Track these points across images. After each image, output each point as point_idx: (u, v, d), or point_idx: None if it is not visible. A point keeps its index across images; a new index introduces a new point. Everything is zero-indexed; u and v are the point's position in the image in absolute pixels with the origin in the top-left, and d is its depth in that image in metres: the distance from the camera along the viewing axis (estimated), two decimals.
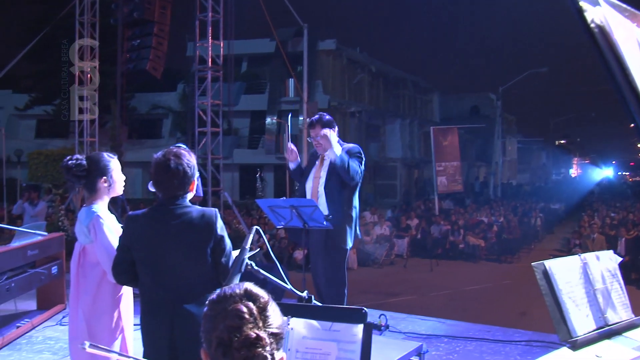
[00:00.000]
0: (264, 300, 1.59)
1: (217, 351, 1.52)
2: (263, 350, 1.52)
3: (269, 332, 1.55)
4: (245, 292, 1.59)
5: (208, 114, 12.56)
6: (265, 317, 1.56)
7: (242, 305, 1.54)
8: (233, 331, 1.51)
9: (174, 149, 2.98)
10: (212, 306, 1.59)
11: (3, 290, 5.73)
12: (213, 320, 1.56)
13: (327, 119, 5.02)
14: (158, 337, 2.85)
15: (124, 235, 2.99)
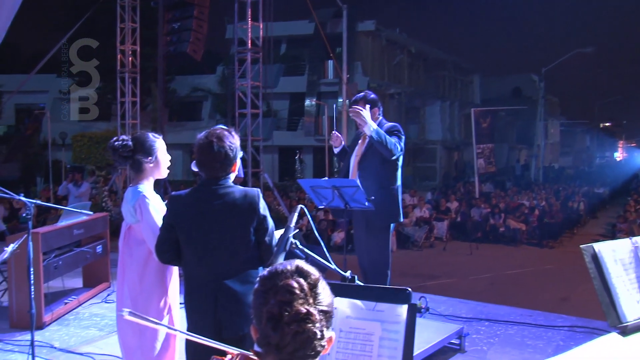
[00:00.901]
0: (315, 278, 1.60)
1: (267, 325, 1.53)
2: (313, 326, 1.52)
3: (319, 309, 1.55)
4: (297, 268, 1.60)
5: (248, 96, 12.59)
6: (316, 294, 1.57)
7: (293, 281, 1.55)
8: (283, 306, 1.52)
9: (217, 130, 2.99)
10: (263, 282, 1.60)
11: (51, 268, 5.89)
12: (264, 295, 1.57)
13: (371, 97, 4.98)
14: (202, 314, 2.89)
15: (167, 215, 3.03)
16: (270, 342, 1.53)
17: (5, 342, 5.23)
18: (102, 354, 4.95)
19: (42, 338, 5.26)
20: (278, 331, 1.51)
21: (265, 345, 1.56)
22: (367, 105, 4.90)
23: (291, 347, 1.52)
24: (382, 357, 2.21)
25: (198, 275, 2.98)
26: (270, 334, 1.52)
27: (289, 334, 1.51)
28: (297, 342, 1.52)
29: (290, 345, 1.52)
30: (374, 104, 4.95)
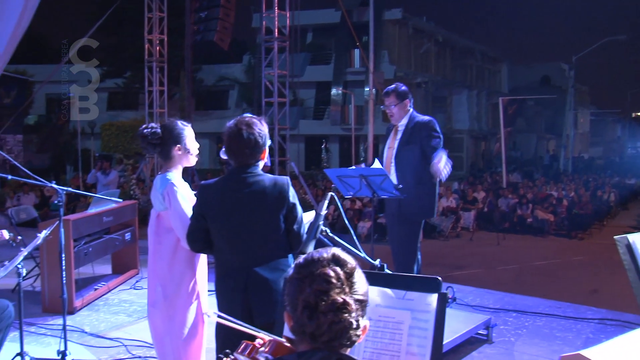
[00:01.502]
0: (351, 266, 1.58)
1: (302, 314, 1.52)
2: (349, 315, 1.51)
3: (355, 299, 1.54)
4: (333, 257, 1.58)
5: (275, 85, 12.58)
6: (352, 282, 1.56)
7: (329, 270, 1.54)
8: (320, 295, 1.51)
9: (245, 118, 3.00)
10: (299, 269, 1.59)
11: (82, 255, 5.98)
12: (299, 283, 1.56)
13: (402, 89, 4.97)
14: (233, 301, 2.91)
15: (198, 204, 3.06)
16: (306, 330, 1.53)
17: (38, 326, 5.33)
18: (131, 339, 5.01)
19: (73, 323, 5.35)
20: (314, 320, 1.51)
21: (300, 333, 1.55)
22: (399, 98, 4.91)
23: (327, 337, 1.52)
24: (412, 346, 2.20)
25: (228, 263, 3.00)
26: (306, 322, 1.51)
27: (325, 324, 1.50)
28: (332, 331, 1.51)
29: (325, 335, 1.51)
30: (404, 96, 4.95)
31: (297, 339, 1.60)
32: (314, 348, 1.54)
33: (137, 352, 4.72)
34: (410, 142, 4.87)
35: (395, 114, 4.97)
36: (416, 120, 4.92)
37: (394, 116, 4.99)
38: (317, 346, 1.54)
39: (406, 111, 4.98)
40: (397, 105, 4.94)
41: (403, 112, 4.97)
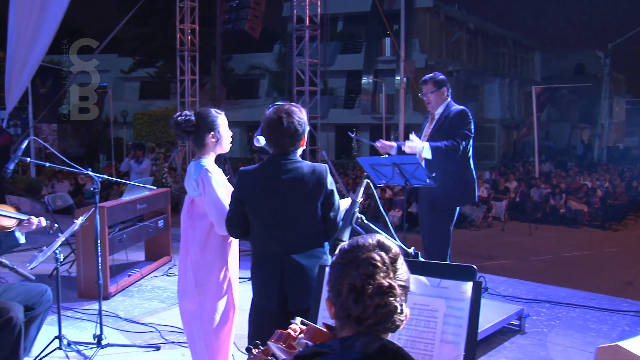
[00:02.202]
0: (395, 252, 1.60)
1: (348, 297, 1.53)
2: (394, 299, 1.52)
3: (398, 284, 1.55)
4: (378, 242, 1.60)
5: (306, 73, 12.57)
6: (396, 268, 1.57)
7: (375, 254, 1.55)
8: (366, 279, 1.52)
9: (285, 105, 3.01)
10: (344, 255, 1.60)
11: (116, 241, 6.07)
12: (344, 268, 1.57)
13: (440, 78, 4.94)
14: (268, 286, 2.92)
15: (236, 190, 3.08)
16: (351, 314, 1.54)
17: (74, 311, 5.44)
18: (164, 324, 5.08)
19: (108, 308, 5.45)
20: (360, 303, 1.52)
21: (345, 317, 1.56)
22: (437, 86, 4.88)
23: (372, 320, 1.52)
24: (446, 334, 2.19)
25: (265, 248, 3.02)
26: (352, 306, 1.53)
27: (370, 307, 1.51)
28: (378, 315, 1.52)
29: (371, 318, 1.52)
30: (441, 84, 4.93)
31: (339, 324, 1.60)
32: (358, 332, 1.55)
33: (171, 338, 4.79)
34: (442, 130, 4.85)
35: (432, 102, 4.94)
36: (451, 109, 4.89)
37: (430, 104, 4.96)
38: (361, 330, 1.54)
39: (443, 99, 4.95)
40: (434, 93, 4.91)
41: (440, 100, 4.94)
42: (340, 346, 1.54)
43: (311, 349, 1.60)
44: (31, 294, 3.89)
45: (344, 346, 1.53)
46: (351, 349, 1.52)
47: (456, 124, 4.78)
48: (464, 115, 4.84)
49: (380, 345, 1.51)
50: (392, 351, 1.51)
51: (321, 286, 2.31)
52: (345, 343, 1.54)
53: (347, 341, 1.54)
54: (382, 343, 1.51)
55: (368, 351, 1.50)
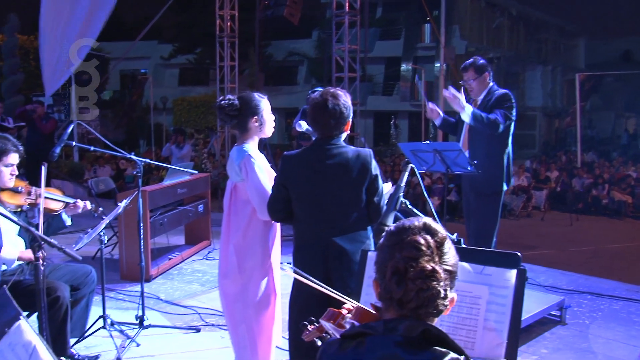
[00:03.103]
0: (442, 236, 1.58)
1: (391, 280, 1.53)
2: (437, 284, 1.51)
3: (444, 268, 1.54)
4: (424, 225, 1.59)
5: (345, 60, 12.50)
6: (442, 252, 1.56)
7: (420, 237, 1.54)
8: (409, 261, 1.51)
9: (331, 89, 3.02)
10: (390, 237, 1.60)
11: (157, 225, 6.17)
12: (389, 250, 1.57)
13: (480, 63, 4.87)
14: (312, 271, 2.93)
15: (280, 174, 3.10)
16: (393, 296, 1.54)
17: (117, 292, 5.56)
18: (204, 307, 5.16)
19: (150, 290, 5.55)
20: (402, 286, 1.51)
21: (388, 299, 1.56)
22: (478, 72, 4.81)
23: (414, 304, 1.52)
24: (489, 321, 2.18)
25: (308, 233, 3.04)
26: (394, 288, 1.52)
27: (412, 290, 1.51)
28: (420, 298, 1.51)
29: (413, 302, 1.52)
30: (483, 69, 4.84)
31: (384, 306, 1.61)
32: (401, 315, 1.54)
33: (210, 320, 4.86)
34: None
35: (475, 88, 4.87)
36: (494, 93, 4.82)
37: (473, 90, 4.89)
38: (404, 313, 1.54)
39: (486, 85, 4.87)
40: (475, 80, 4.84)
41: (482, 86, 4.86)
42: (383, 328, 1.54)
43: (356, 329, 1.61)
44: (77, 275, 3.99)
45: (386, 328, 1.53)
46: (394, 332, 1.51)
47: (497, 105, 4.71)
48: (507, 98, 4.76)
49: (423, 330, 1.50)
50: (435, 336, 1.50)
51: (363, 270, 2.31)
52: (388, 325, 1.54)
53: (390, 323, 1.54)
54: (425, 327, 1.51)
55: (410, 335, 1.50)
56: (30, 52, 23.12)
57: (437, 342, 1.50)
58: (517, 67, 34.07)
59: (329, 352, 1.63)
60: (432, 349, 1.48)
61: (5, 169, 3.73)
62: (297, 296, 3.10)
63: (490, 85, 4.87)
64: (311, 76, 31.52)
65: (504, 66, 32.20)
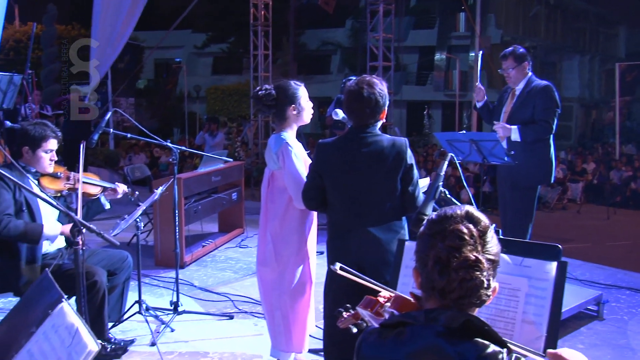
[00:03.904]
0: (485, 224, 1.56)
1: (433, 270, 1.51)
2: (480, 274, 1.49)
3: (487, 257, 1.51)
4: (467, 214, 1.56)
5: (380, 49, 12.43)
6: (485, 241, 1.53)
7: (463, 226, 1.52)
8: (452, 251, 1.49)
9: (366, 77, 3.00)
10: (431, 225, 1.58)
11: (191, 212, 6.23)
12: (431, 239, 1.55)
13: (520, 52, 4.80)
14: (345, 260, 2.93)
15: (315, 162, 3.09)
16: (436, 286, 1.52)
17: (151, 278, 5.63)
18: (237, 294, 5.20)
19: (184, 276, 5.61)
20: (444, 276, 1.49)
21: (430, 289, 1.55)
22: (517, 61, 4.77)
23: (456, 294, 1.50)
24: (528, 314, 2.14)
25: (343, 222, 3.03)
26: (436, 278, 1.51)
27: (455, 280, 1.49)
28: (463, 289, 1.49)
29: (455, 292, 1.50)
30: (522, 58, 4.79)
31: (425, 295, 1.59)
32: (443, 305, 1.53)
33: (243, 307, 4.89)
34: (524, 106, 4.73)
35: (513, 77, 4.81)
36: (533, 84, 4.75)
37: (511, 79, 4.83)
38: (446, 303, 1.52)
39: (524, 74, 4.82)
40: (515, 69, 4.79)
41: (521, 75, 4.81)
42: (424, 318, 1.52)
43: (396, 318, 1.60)
44: (114, 260, 4.05)
45: (427, 318, 1.52)
46: (435, 322, 1.50)
47: (544, 102, 4.66)
48: (550, 92, 4.71)
49: (465, 320, 1.48)
50: (477, 327, 1.48)
51: (400, 260, 2.29)
52: (430, 315, 1.52)
53: (431, 313, 1.52)
54: (467, 318, 1.49)
55: (452, 325, 1.48)
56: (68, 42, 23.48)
57: (479, 333, 1.48)
58: (554, 57, 33.45)
59: (369, 341, 1.62)
60: (474, 340, 1.46)
61: (45, 155, 3.80)
62: (331, 285, 3.10)
63: (529, 75, 4.81)
64: (344, 65, 31.40)
65: (541, 56, 31.63)
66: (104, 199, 4.11)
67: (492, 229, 1.57)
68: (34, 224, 3.65)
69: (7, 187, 3.61)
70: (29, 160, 3.79)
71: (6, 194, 3.60)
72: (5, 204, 3.57)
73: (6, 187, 3.61)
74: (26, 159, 3.78)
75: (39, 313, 1.81)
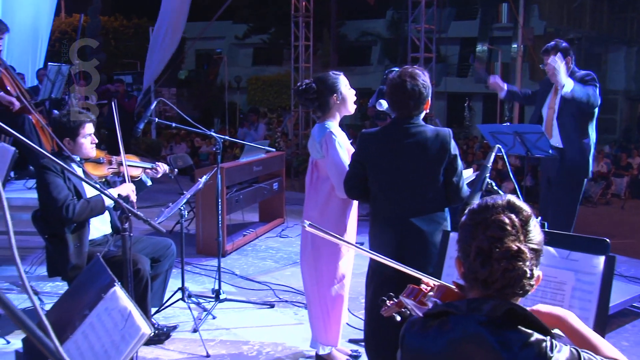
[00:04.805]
0: (527, 214, 1.54)
1: (475, 260, 1.51)
2: (523, 264, 1.48)
3: (529, 247, 1.50)
4: (508, 203, 1.55)
5: (421, 40, 12.32)
6: (527, 231, 1.52)
7: (504, 217, 1.51)
8: (494, 242, 1.49)
9: (409, 68, 2.99)
10: (472, 215, 1.57)
11: (233, 202, 6.30)
12: (472, 229, 1.54)
13: (563, 46, 4.73)
14: (386, 250, 2.93)
15: (357, 152, 3.10)
16: (478, 277, 1.52)
17: (193, 266, 5.72)
18: (278, 284, 5.24)
19: (225, 265, 5.67)
20: (487, 267, 1.49)
21: (472, 280, 1.54)
22: (559, 56, 4.65)
23: (499, 284, 1.50)
24: (574, 308, 2.11)
25: (385, 212, 3.03)
26: (479, 269, 1.50)
27: (498, 271, 1.48)
28: (506, 279, 1.49)
29: (498, 282, 1.49)
30: (565, 52, 4.69)
31: (467, 285, 1.59)
32: (486, 295, 1.52)
33: (284, 297, 4.93)
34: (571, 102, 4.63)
35: (550, 73, 4.73)
36: (576, 75, 4.67)
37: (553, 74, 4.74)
38: (489, 293, 1.52)
39: (568, 68, 4.72)
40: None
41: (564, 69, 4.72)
42: (466, 307, 1.52)
43: (439, 307, 1.60)
44: (158, 247, 4.13)
45: (470, 308, 1.52)
46: (477, 311, 1.50)
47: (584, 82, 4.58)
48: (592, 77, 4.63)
49: (508, 309, 1.48)
50: (520, 315, 1.48)
51: (445, 251, 2.28)
52: (472, 305, 1.52)
53: (474, 303, 1.52)
54: (510, 307, 1.48)
55: (495, 315, 1.48)
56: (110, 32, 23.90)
57: (522, 321, 1.47)
58: (599, 48, 32.63)
59: (412, 331, 1.62)
60: (517, 328, 1.46)
61: (85, 140, 3.89)
62: (372, 276, 3.10)
63: (571, 68, 4.73)
64: (384, 57, 31.20)
65: (585, 47, 30.91)
66: (145, 177, 4.21)
67: (534, 218, 1.55)
68: (93, 197, 3.74)
69: (57, 174, 3.71)
70: (72, 150, 3.88)
71: (60, 180, 3.70)
72: (64, 191, 3.68)
73: (57, 175, 3.71)
74: (69, 149, 3.87)
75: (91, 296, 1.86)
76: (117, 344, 1.68)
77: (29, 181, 5.96)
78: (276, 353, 3.91)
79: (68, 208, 3.61)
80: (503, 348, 1.43)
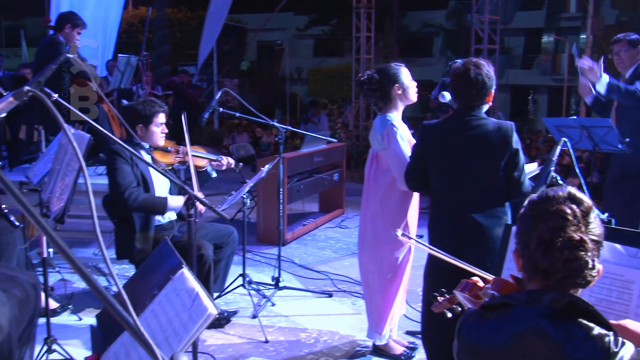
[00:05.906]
0: (588, 205, 1.53)
1: (536, 250, 1.51)
2: (585, 254, 1.47)
3: (590, 238, 1.49)
4: (569, 194, 1.54)
5: (485, 31, 12.07)
6: (588, 222, 1.51)
7: (566, 207, 1.51)
8: (556, 232, 1.48)
9: (473, 58, 2.95)
10: (532, 207, 1.57)
11: (294, 191, 6.38)
12: (532, 220, 1.54)
13: (632, 38, 4.69)
14: (445, 243, 2.91)
15: (418, 143, 3.09)
16: (539, 267, 1.51)
17: (253, 253, 5.83)
18: (337, 274, 5.29)
19: (285, 254, 5.74)
20: (548, 256, 1.49)
21: (533, 270, 1.54)
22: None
23: (561, 274, 1.49)
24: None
25: (444, 205, 3.02)
26: (540, 259, 1.50)
27: (560, 260, 1.48)
28: (567, 269, 1.48)
29: (560, 272, 1.49)
30: (635, 43, 4.60)
31: (527, 277, 1.58)
32: (546, 287, 1.52)
33: (342, 287, 4.98)
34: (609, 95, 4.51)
35: (625, 60, 4.63)
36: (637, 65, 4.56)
37: (622, 63, 4.64)
38: (550, 284, 1.51)
39: (636, 60, 4.65)
40: (627, 52, 4.62)
41: (633, 60, 4.65)
42: (526, 298, 1.52)
43: (497, 299, 1.60)
44: (220, 234, 4.24)
45: (530, 299, 1.51)
46: (538, 303, 1.49)
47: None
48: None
49: (570, 301, 1.47)
50: (582, 308, 1.46)
51: (506, 245, 2.26)
52: (532, 296, 1.51)
53: (534, 294, 1.52)
54: (571, 299, 1.47)
55: (556, 306, 1.47)
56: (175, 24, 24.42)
57: (583, 314, 1.46)
58: None
59: (470, 322, 1.63)
60: (578, 321, 1.44)
61: (157, 129, 4.03)
62: (430, 269, 3.10)
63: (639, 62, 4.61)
64: (446, 48, 30.76)
65: None
66: (210, 169, 4.32)
67: (595, 210, 1.54)
68: (159, 197, 3.88)
69: (126, 161, 3.85)
70: (143, 137, 4.02)
71: (127, 167, 3.84)
72: (129, 177, 3.82)
73: (125, 162, 3.85)
74: (140, 136, 4.01)
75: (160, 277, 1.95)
76: (185, 323, 1.75)
77: (99, 167, 6.18)
78: (333, 341, 3.96)
79: (131, 195, 3.75)
80: (566, 340, 1.42)
